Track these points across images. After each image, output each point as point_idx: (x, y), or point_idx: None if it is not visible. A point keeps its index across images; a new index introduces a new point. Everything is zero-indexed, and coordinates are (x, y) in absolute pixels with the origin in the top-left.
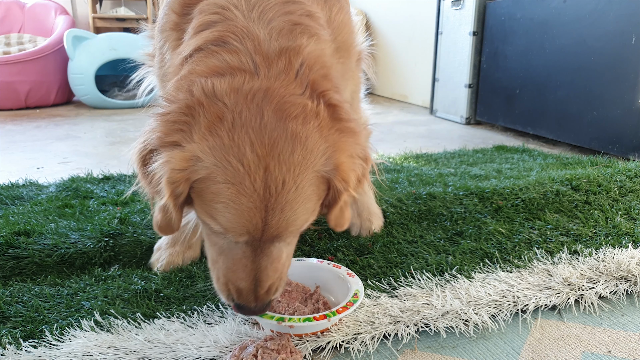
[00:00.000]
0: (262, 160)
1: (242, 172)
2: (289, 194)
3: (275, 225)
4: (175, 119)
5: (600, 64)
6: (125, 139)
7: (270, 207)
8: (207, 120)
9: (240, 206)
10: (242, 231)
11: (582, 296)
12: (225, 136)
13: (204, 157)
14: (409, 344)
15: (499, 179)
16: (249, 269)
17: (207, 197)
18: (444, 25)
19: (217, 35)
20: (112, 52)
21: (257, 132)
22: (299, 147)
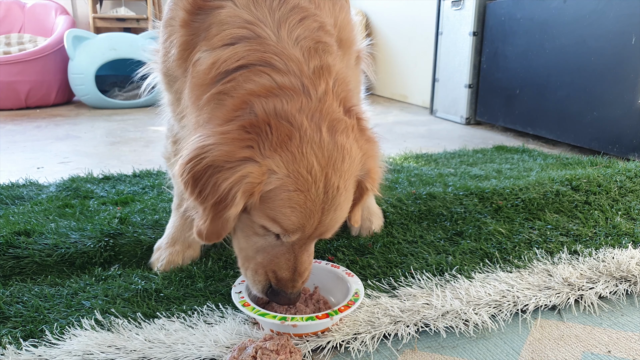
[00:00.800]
0: (323, 170)
1: (310, 181)
2: (340, 197)
3: (326, 225)
4: (240, 137)
5: (600, 64)
6: (125, 139)
7: (325, 209)
8: (277, 138)
9: (306, 210)
10: (300, 231)
11: (582, 296)
12: (295, 151)
13: (278, 170)
14: (409, 343)
15: (499, 179)
16: (291, 262)
17: (277, 203)
18: (444, 26)
19: (260, 57)
20: (112, 52)
21: (318, 146)
22: (347, 157)
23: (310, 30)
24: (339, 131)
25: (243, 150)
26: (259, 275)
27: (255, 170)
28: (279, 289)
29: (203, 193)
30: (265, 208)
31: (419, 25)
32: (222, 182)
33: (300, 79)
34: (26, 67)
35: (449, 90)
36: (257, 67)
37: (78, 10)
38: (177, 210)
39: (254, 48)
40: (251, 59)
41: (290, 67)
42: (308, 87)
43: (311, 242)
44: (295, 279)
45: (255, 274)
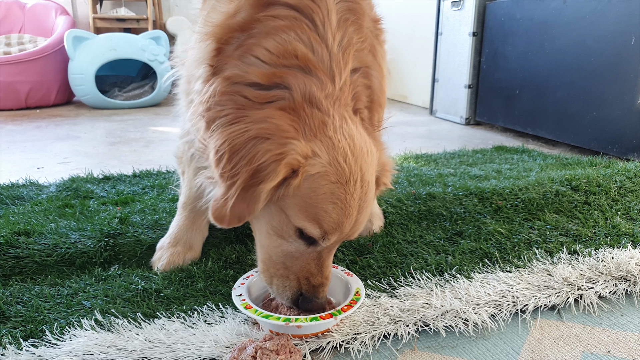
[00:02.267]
0: (357, 161)
1: (348, 173)
2: (371, 193)
3: (360, 223)
4: (286, 115)
5: (600, 64)
6: (125, 139)
7: (361, 206)
8: (315, 123)
9: (346, 205)
10: (339, 231)
11: (581, 295)
12: (333, 137)
13: (321, 154)
14: (409, 343)
15: (499, 179)
16: (321, 267)
17: (320, 197)
18: (443, 26)
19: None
20: (113, 53)
21: (349, 135)
22: (370, 149)
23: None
24: (358, 122)
25: (291, 129)
26: (290, 281)
27: (301, 147)
28: (311, 296)
29: (237, 166)
30: (306, 205)
31: (419, 25)
32: (264, 153)
33: (329, 58)
34: (26, 68)
35: (448, 91)
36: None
37: (78, 11)
38: (182, 209)
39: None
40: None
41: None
42: (334, 72)
43: (338, 244)
44: (324, 283)
45: (285, 280)
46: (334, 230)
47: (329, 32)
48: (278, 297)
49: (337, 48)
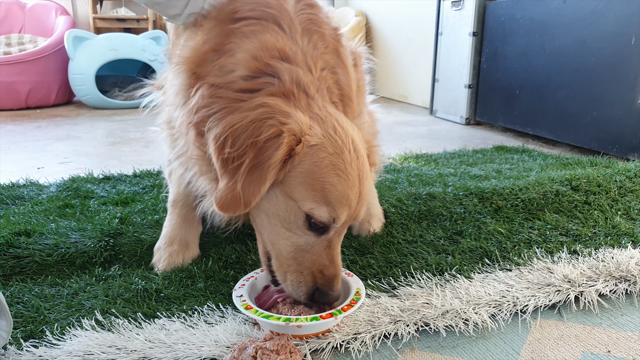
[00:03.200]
0: (347, 134)
1: (341, 143)
2: (366, 165)
3: (363, 197)
4: (280, 99)
5: (600, 64)
6: (125, 139)
7: (361, 177)
8: (304, 102)
9: (348, 176)
10: (347, 205)
11: (582, 293)
12: (321, 115)
13: (315, 127)
14: (409, 343)
15: (499, 179)
16: (333, 257)
17: (323, 171)
18: (443, 26)
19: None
20: (113, 53)
21: (333, 113)
22: (354, 126)
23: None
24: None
25: (287, 105)
26: (304, 276)
27: (302, 118)
28: (327, 289)
29: (242, 146)
30: (311, 181)
31: (419, 25)
32: (268, 128)
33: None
34: (26, 68)
35: (448, 91)
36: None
37: (78, 11)
38: (173, 207)
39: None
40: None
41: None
42: (310, 64)
43: (345, 228)
44: (338, 274)
45: (299, 276)
46: (342, 205)
47: (297, 35)
48: (293, 294)
49: (306, 47)
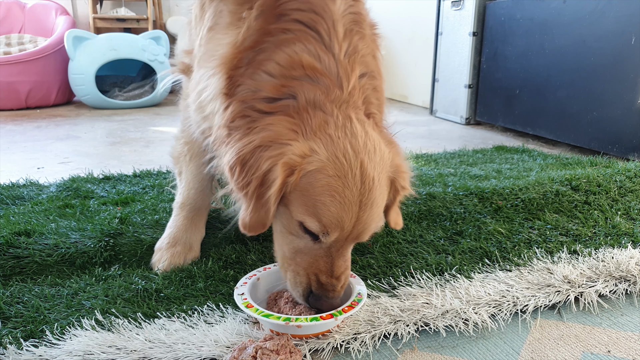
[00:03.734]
0: (358, 157)
1: (346, 167)
2: (376, 191)
3: (363, 222)
4: (288, 120)
5: (600, 64)
6: (125, 139)
7: (363, 203)
8: (316, 123)
9: (344, 199)
10: (339, 226)
11: (581, 294)
12: (333, 135)
13: (319, 151)
14: (409, 343)
15: (499, 179)
16: (329, 265)
17: (317, 190)
18: (444, 26)
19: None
20: (113, 53)
21: (351, 133)
22: (378, 149)
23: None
24: (366, 122)
25: (289, 132)
26: (300, 277)
27: (298, 146)
28: (320, 294)
29: (247, 176)
30: (303, 199)
31: (419, 25)
32: (266, 160)
33: (336, 66)
34: (26, 68)
35: (448, 91)
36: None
37: (78, 11)
38: (180, 209)
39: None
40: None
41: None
42: (342, 78)
43: (348, 246)
44: (334, 283)
45: (296, 276)
46: (333, 225)
47: (335, 42)
48: (291, 291)
49: (343, 56)
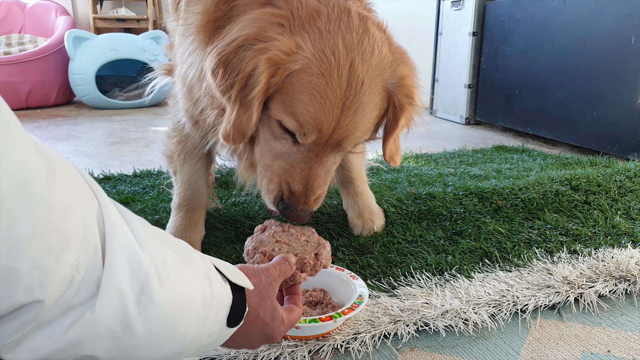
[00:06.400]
0: (349, 55)
1: (333, 64)
2: (364, 96)
3: (344, 128)
4: (273, 13)
5: (600, 64)
6: (126, 139)
7: (346, 107)
8: (306, 15)
9: (325, 100)
10: (316, 127)
11: (581, 294)
12: (323, 28)
13: (305, 47)
14: (409, 343)
15: (499, 179)
16: (305, 173)
17: (297, 88)
18: (443, 26)
19: None
20: (113, 53)
21: (347, 27)
22: (377, 50)
23: None
24: (371, 20)
25: (274, 27)
26: (273, 184)
27: (283, 42)
28: (289, 203)
29: (230, 78)
30: (283, 97)
31: (419, 25)
32: (249, 60)
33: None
34: (27, 68)
35: (448, 91)
36: None
37: (78, 11)
38: (178, 209)
39: None
40: None
41: None
42: None
43: (328, 152)
44: (307, 194)
45: (269, 183)
46: (311, 125)
47: None
48: (264, 199)
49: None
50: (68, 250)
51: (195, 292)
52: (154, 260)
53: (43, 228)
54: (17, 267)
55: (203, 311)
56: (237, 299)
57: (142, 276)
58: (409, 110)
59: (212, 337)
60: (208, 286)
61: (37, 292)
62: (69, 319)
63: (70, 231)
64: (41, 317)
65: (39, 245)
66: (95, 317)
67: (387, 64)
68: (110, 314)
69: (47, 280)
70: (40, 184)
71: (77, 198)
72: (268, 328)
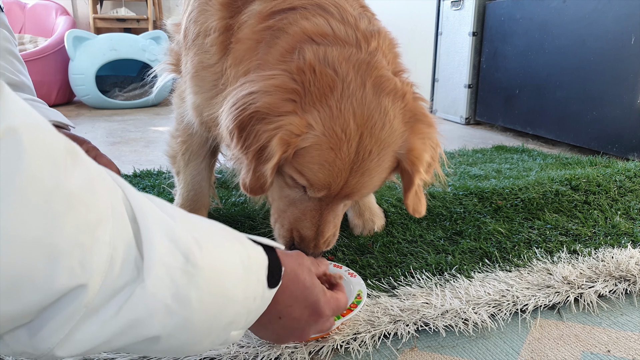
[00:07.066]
0: (359, 129)
1: (343, 140)
2: (371, 163)
3: (352, 187)
4: (285, 86)
5: (600, 64)
6: (126, 139)
7: (354, 170)
8: (318, 90)
9: (334, 168)
10: (326, 187)
11: (581, 294)
12: (334, 106)
13: (316, 126)
14: (409, 343)
15: (499, 179)
16: (316, 220)
17: (307, 158)
18: (443, 26)
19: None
20: (113, 53)
21: (359, 103)
22: (388, 125)
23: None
24: (385, 92)
25: (285, 103)
26: (285, 230)
27: (295, 122)
28: (301, 246)
29: (247, 141)
30: (296, 163)
31: (419, 25)
32: (263, 133)
33: (354, 32)
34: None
35: (448, 90)
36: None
37: (78, 11)
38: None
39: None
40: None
41: (345, 17)
42: (360, 40)
43: (338, 202)
44: (317, 238)
45: (281, 228)
46: (320, 185)
47: (350, 17)
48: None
49: (364, 28)
50: (101, 227)
51: (233, 255)
52: (187, 229)
53: (77, 203)
54: (58, 244)
55: (244, 273)
56: (272, 259)
57: (182, 245)
58: (417, 177)
59: (257, 300)
60: (243, 249)
61: (79, 273)
62: (118, 302)
63: (101, 207)
64: (89, 304)
65: (75, 221)
66: (147, 292)
67: (398, 136)
68: (162, 287)
69: (87, 259)
70: (64, 159)
71: (99, 177)
72: (311, 294)
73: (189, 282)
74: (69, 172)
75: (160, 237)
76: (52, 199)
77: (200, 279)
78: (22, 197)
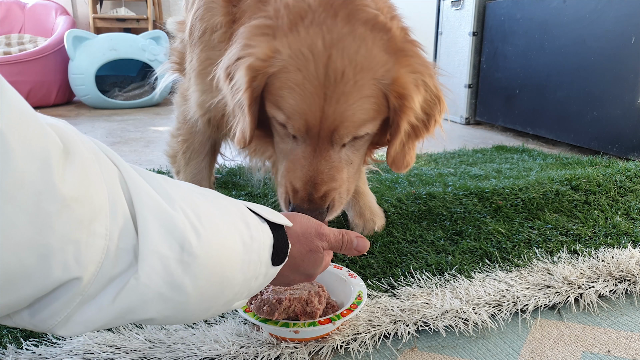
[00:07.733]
0: (327, 50)
1: (310, 59)
2: (345, 86)
3: (332, 116)
4: (259, 24)
5: (600, 64)
6: (125, 139)
7: (328, 96)
8: (289, 20)
9: (304, 91)
10: (302, 116)
11: (581, 294)
12: (302, 31)
13: (283, 50)
14: (409, 343)
15: (499, 179)
16: (306, 169)
17: (277, 85)
18: (443, 26)
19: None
20: (113, 53)
21: (329, 28)
22: (364, 48)
23: None
24: (362, 21)
25: (258, 37)
26: (281, 186)
27: (262, 49)
28: (295, 204)
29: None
30: (270, 96)
31: (419, 25)
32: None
33: None
34: (26, 68)
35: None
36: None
37: (78, 11)
38: None
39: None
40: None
41: None
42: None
43: (326, 146)
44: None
45: (279, 186)
46: (295, 115)
47: None
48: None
49: None
50: (97, 221)
51: (234, 238)
52: (186, 215)
53: (70, 201)
54: (51, 244)
55: (246, 255)
56: (278, 238)
57: (178, 234)
58: (408, 113)
59: (260, 278)
60: (246, 230)
61: (73, 268)
62: (113, 290)
63: (96, 201)
64: (84, 292)
65: (68, 219)
66: (140, 282)
67: (379, 63)
68: (155, 277)
69: (82, 254)
70: (56, 156)
71: (96, 167)
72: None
73: (185, 271)
74: (60, 170)
75: (154, 226)
76: (42, 199)
77: (196, 268)
78: (10, 200)
